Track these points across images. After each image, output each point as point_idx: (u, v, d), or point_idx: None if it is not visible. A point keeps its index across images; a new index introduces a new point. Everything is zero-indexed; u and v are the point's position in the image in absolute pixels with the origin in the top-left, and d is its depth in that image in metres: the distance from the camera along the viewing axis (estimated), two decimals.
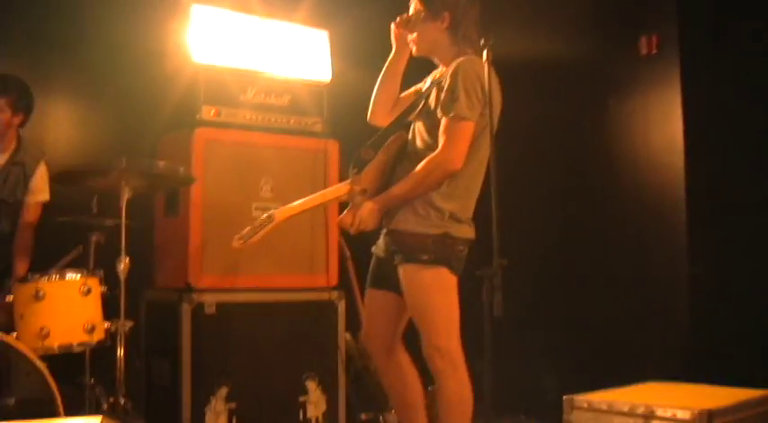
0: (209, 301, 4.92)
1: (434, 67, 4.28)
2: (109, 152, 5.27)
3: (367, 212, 3.97)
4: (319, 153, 5.42)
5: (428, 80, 4.27)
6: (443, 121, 3.92)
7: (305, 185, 5.31)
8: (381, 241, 4.20)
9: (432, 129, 4.02)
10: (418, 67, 4.34)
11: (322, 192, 4.38)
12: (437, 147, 3.93)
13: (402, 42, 4.26)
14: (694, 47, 5.17)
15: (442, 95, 3.95)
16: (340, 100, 5.51)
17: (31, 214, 4.96)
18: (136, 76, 5.51)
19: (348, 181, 4.05)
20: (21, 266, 4.82)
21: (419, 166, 3.95)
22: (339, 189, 4.18)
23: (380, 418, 4.89)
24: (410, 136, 4.18)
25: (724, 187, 5.10)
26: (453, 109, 3.88)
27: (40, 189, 4.96)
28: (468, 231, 4.08)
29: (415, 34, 4.17)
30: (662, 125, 5.27)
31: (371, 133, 4.22)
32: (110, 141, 5.62)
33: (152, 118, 5.39)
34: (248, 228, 4.09)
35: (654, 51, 5.26)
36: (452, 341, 3.98)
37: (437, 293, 3.98)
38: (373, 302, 4.26)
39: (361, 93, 4.52)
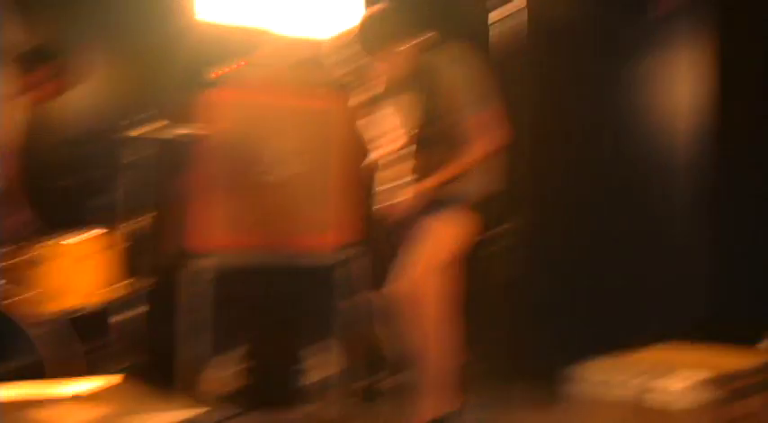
0: (211, 264, 4.91)
1: None
2: (114, 112, 5.24)
3: (419, 196, 4.27)
4: (329, 112, 5.33)
5: None
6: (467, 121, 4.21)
7: (315, 145, 5.29)
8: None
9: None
10: None
11: None
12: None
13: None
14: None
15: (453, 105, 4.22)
16: None
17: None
18: (142, 35, 5.43)
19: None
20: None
21: (464, 157, 4.23)
22: None
23: (385, 382, 4.90)
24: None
25: (754, 143, 5.05)
26: (470, 109, 4.19)
27: None
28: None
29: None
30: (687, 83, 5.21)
31: None
32: (115, 101, 5.58)
33: (158, 78, 5.34)
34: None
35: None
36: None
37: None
38: None
39: None
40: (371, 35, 4.33)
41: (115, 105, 5.50)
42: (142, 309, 4.36)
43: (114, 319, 4.64)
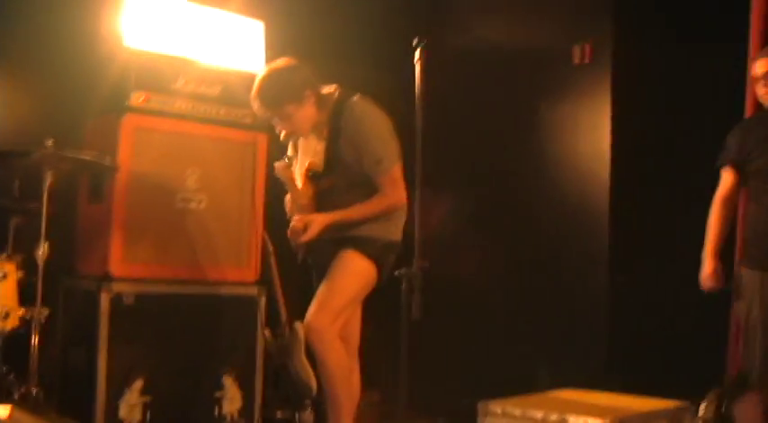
0: (129, 290, 4.84)
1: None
2: (34, 134, 5.08)
3: (319, 226, 4.25)
4: (248, 145, 5.36)
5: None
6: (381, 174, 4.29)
7: (232, 178, 5.32)
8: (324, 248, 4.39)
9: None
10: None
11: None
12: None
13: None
14: (626, 58, 5.22)
15: (362, 159, 4.29)
16: None
17: None
18: (67, 58, 5.38)
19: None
20: None
21: (373, 200, 4.30)
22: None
23: (296, 416, 4.85)
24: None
25: (648, 198, 5.15)
26: (382, 165, 4.27)
27: None
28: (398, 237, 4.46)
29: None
30: (590, 133, 5.31)
31: None
32: (36, 123, 5.46)
33: (81, 102, 5.27)
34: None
35: (587, 61, 5.30)
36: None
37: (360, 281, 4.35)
38: None
39: None
40: (266, 95, 4.32)
41: (31, 127, 5.43)
42: (37, 338, 4.25)
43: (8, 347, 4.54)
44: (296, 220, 4.31)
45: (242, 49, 5.44)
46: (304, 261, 4.53)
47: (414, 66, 4.03)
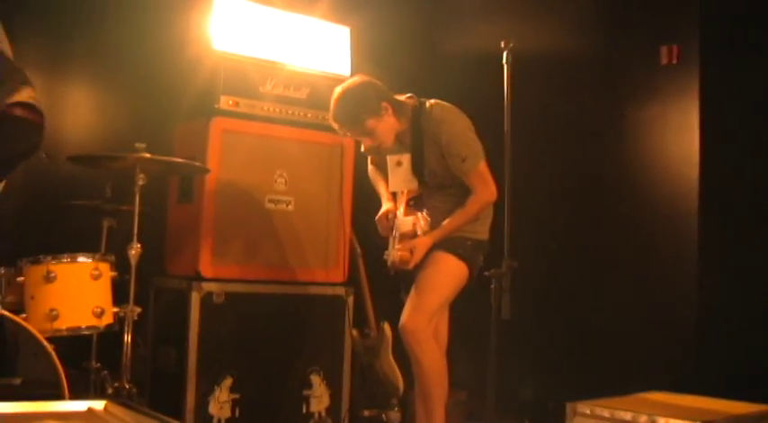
0: (218, 290, 4.93)
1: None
2: (125, 137, 5.21)
3: (425, 248, 4.34)
4: (335, 148, 5.43)
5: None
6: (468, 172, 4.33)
7: (320, 180, 5.38)
8: None
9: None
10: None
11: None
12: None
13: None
14: (714, 59, 5.16)
15: (451, 160, 4.33)
16: None
17: None
18: (156, 62, 5.51)
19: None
20: None
21: (468, 204, 4.33)
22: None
23: (383, 415, 4.89)
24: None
25: (738, 200, 5.09)
26: (467, 163, 4.30)
27: None
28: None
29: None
30: (679, 136, 5.25)
31: None
32: (127, 127, 5.62)
33: (170, 105, 5.38)
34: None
35: (674, 61, 5.25)
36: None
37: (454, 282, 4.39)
38: None
39: None
40: (344, 115, 4.37)
41: (123, 131, 5.55)
42: (130, 335, 4.33)
43: (102, 344, 4.63)
44: (400, 249, 4.35)
45: (329, 54, 5.50)
46: (396, 273, 4.56)
47: (502, 69, 4.06)
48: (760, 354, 4.90)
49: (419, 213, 4.16)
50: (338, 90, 4.41)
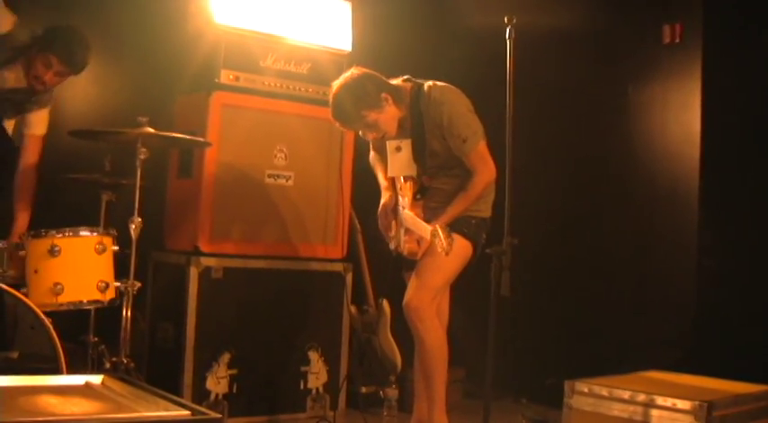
0: (217, 265, 4.93)
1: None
2: (125, 111, 5.22)
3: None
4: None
5: None
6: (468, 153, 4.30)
7: (320, 156, 5.36)
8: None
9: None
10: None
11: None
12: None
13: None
14: (717, 38, 5.15)
15: (452, 141, 4.30)
16: None
17: (31, 151, 4.71)
18: (157, 35, 5.48)
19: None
20: (23, 217, 4.61)
21: (470, 186, 4.30)
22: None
23: (381, 392, 4.90)
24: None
25: (739, 180, 5.09)
26: (468, 143, 4.27)
27: (40, 121, 4.70)
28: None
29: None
30: (680, 115, 5.25)
31: None
32: (127, 100, 5.60)
33: (171, 79, 5.35)
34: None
35: (677, 40, 5.23)
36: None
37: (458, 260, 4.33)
38: None
39: (381, 64, 4.53)
40: (344, 111, 4.35)
41: (123, 104, 5.53)
42: (129, 310, 4.32)
43: (100, 318, 4.63)
44: (408, 240, 4.36)
45: (330, 29, 5.46)
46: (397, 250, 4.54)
47: (505, 45, 4.03)
48: (759, 333, 4.91)
49: (437, 225, 4.11)
50: (336, 88, 4.38)
